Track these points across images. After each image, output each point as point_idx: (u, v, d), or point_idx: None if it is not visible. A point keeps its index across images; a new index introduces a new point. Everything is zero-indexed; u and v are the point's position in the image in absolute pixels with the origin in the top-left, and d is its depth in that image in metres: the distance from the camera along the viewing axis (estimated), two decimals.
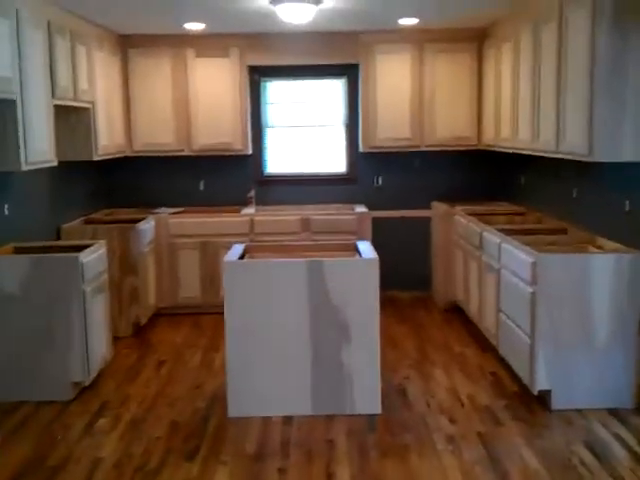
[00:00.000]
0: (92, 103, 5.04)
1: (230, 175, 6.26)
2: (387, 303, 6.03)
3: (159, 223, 5.70)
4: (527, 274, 3.91)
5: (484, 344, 4.86)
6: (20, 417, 3.77)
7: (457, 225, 5.65)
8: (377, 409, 3.80)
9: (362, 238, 5.66)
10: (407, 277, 6.33)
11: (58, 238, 5.11)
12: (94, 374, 4.13)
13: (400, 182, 6.28)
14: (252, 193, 6.12)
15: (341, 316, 3.73)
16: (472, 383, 4.21)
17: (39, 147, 4.11)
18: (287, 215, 5.74)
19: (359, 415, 3.76)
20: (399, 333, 5.24)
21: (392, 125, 5.90)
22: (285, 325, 3.73)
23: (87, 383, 4.07)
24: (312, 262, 3.72)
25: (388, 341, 5.01)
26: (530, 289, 3.87)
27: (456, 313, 5.68)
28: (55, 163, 4.36)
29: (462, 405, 3.89)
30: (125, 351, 4.87)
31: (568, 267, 3.76)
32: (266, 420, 3.72)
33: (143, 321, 5.30)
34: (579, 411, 3.77)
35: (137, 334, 5.24)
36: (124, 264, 5.18)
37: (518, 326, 4.06)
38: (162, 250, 5.71)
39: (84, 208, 5.70)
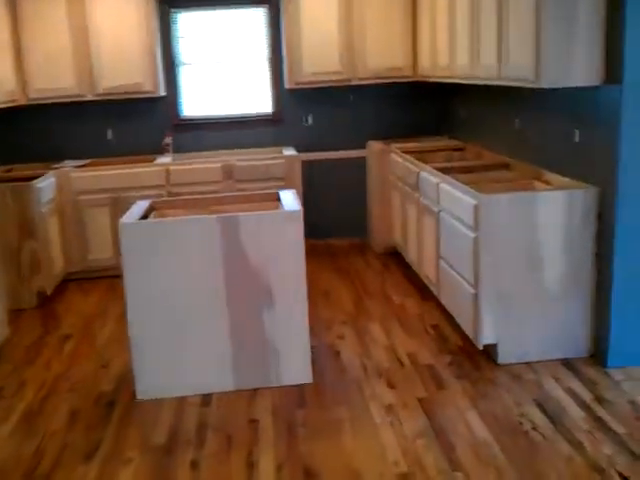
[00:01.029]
0: None
1: (142, 121, 5.62)
2: (322, 253, 5.60)
3: (61, 179, 5.07)
4: (468, 217, 3.49)
5: (424, 293, 4.48)
6: None
7: (393, 165, 5.19)
8: (307, 378, 3.38)
9: (291, 184, 5.16)
10: (343, 223, 5.88)
11: None
12: None
13: (332, 120, 5.75)
14: (168, 139, 5.52)
15: (262, 278, 3.25)
16: (412, 339, 3.82)
17: None
18: (207, 163, 5.18)
19: (287, 387, 3.34)
20: (334, 285, 4.81)
21: (319, 57, 5.32)
22: (197, 293, 3.24)
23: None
24: (224, 219, 3.21)
25: (322, 295, 4.59)
26: (472, 234, 3.45)
27: (395, 259, 5.28)
28: None
29: (402, 365, 3.50)
30: (26, 326, 4.31)
31: (513, 208, 3.35)
32: (181, 401, 3.26)
33: (49, 290, 4.73)
34: (529, 364, 3.43)
35: (42, 305, 4.68)
36: (21, 228, 4.57)
37: (460, 274, 3.66)
38: (66, 209, 5.10)
39: None
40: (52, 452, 2.87)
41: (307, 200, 5.53)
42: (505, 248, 3.37)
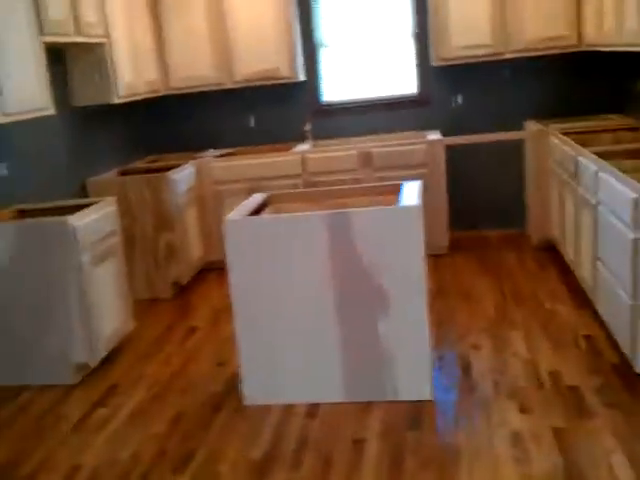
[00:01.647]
0: (107, 37, 4.39)
1: (284, 107, 5.46)
2: (469, 246, 5.11)
3: (201, 169, 5.04)
4: (627, 213, 2.89)
5: (581, 298, 3.86)
6: (20, 403, 3.33)
7: (552, 148, 4.56)
8: (426, 394, 3.00)
9: (434, 171, 4.74)
10: (496, 213, 5.33)
11: (84, 194, 4.59)
12: (102, 353, 3.59)
13: (484, 100, 5.21)
14: (308, 126, 5.30)
15: (375, 281, 2.91)
16: (559, 353, 3.28)
17: (21, 95, 3.50)
18: (344, 150, 4.89)
19: (403, 402, 2.98)
20: (477, 285, 4.32)
21: (469, 30, 4.81)
22: (304, 295, 2.97)
23: (93, 364, 3.54)
24: (334, 215, 2.90)
25: (461, 297, 4.14)
26: (631, 234, 2.85)
27: (553, 255, 4.65)
28: (52, 111, 3.75)
29: (541, 385, 3.00)
30: (156, 317, 4.32)
31: None
32: (287, 409, 3.03)
33: (184, 280, 4.73)
34: None
35: (178, 296, 4.68)
36: (157, 219, 4.59)
37: (618, 280, 3.06)
38: (206, 199, 5.07)
39: (121, 158, 5.15)
40: (145, 460, 2.76)
41: (454, 188, 5.07)
42: None
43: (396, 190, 3.33)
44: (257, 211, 3.26)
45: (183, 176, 4.78)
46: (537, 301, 3.95)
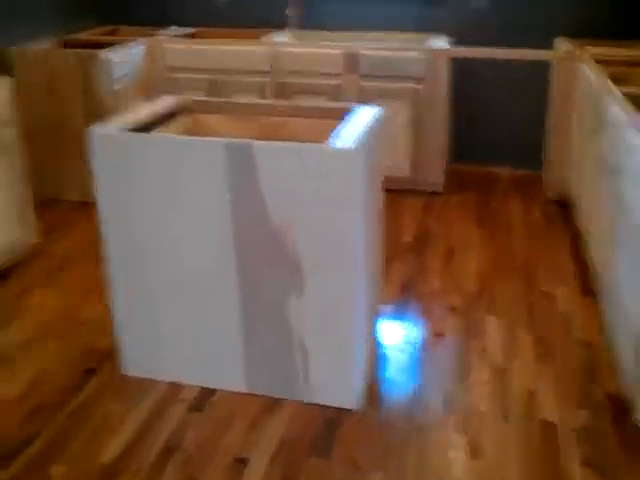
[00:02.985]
0: None
1: None
2: (472, 184, 4.25)
3: (152, 50, 4.12)
4: None
5: (589, 282, 3.04)
6: None
7: (580, 79, 3.60)
8: (347, 401, 2.25)
9: (433, 87, 3.81)
10: (509, 149, 4.41)
11: (3, 68, 3.72)
12: None
13: (510, 3, 4.17)
14: (290, 11, 4.32)
15: (287, 246, 2.10)
16: (542, 361, 2.48)
17: None
18: (327, 48, 3.93)
19: (319, 407, 2.25)
20: (467, 238, 3.50)
21: None
22: (195, 250, 2.17)
23: None
24: (234, 146, 2.04)
25: (441, 256, 3.32)
26: None
27: (568, 212, 3.79)
28: None
29: (506, 415, 2.22)
30: (77, 227, 3.55)
31: None
32: (173, 391, 2.30)
33: None
34: None
35: None
36: (88, 107, 3.73)
37: (636, 280, 2.24)
38: (156, 88, 4.17)
39: (67, 23, 4.23)
40: None
41: (457, 112, 4.15)
42: None
43: (338, 115, 2.44)
44: (157, 121, 2.41)
45: (124, 56, 3.87)
46: (532, 276, 3.13)
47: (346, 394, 2.24)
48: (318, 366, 2.21)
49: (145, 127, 2.30)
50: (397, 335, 2.67)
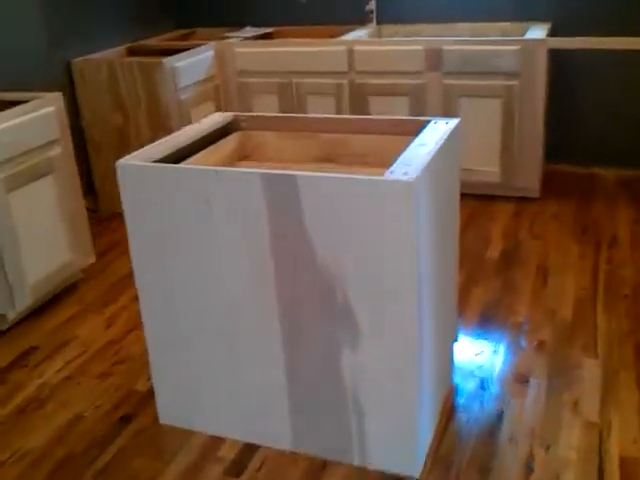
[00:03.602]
0: None
1: None
2: (572, 189, 3.76)
3: (222, 54, 3.90)
4: None
5: None
6: None
7: None
8: (410, 468, 1.91)
9: (529, 83, 3.35)
10: (614, 145, 3.87)
11: (69, 79, 3.62)
12: (28, 302, 2.72)
13: None
14: (372, 5, 3.97)
15: (338, 291, 1.77)
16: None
17: None
18: (407, 44, 3.56)
19: (375, 473, 1.93)
20: (565, 255, 3.04)
21: None
22: (232, 294, 1.89)
23: (13, 317, 2.70)
24: (271, 178, 1.73)
25: (534, 272, 2.91)
26: None
27: None
28: None
29: None
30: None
31: None
32: (211, 446, 2.05)
33: None
34: None
35: None
36: (153, 118, 3.56)
37: None
38: (228, 94, 3.95)
39: (138, 29, 4.10)
40: None
41: (556, 108, 3.68)
42: None
43: (411, 131, 2.08)
44: (206, 141, 2.16)
45: (191, 63, 3.67)
46: (637, 313, 2.65)
47: (407, 460, 1.89)
48: (376, 428, 1.88)
49: (190, 149, 2.05)
50: (470, 380, 2.29)
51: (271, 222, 1.75)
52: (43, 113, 2.72)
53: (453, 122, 2.02)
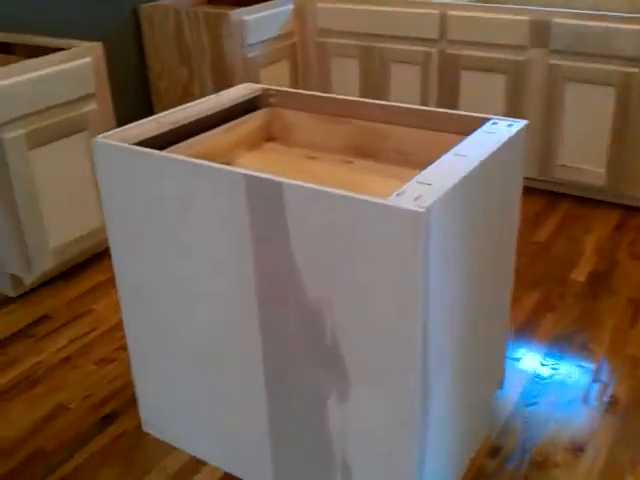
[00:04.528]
0: None
1: None
2: None
3: (302, 9, 3.52)
4: None
5: None
6: None
7: None
8: None
9: None
10: None
11: (135, 24, 3.38)
12: (47, 266, 2.54)
13: None
14: None
15: (325, 331, 1.41)
16: None
17: None
18: (511, 13, 3.03)
19: None
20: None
21: None
22: (209, 311, 1.56)
23: (29, 281, 2.54)
24: (256, 181, 1.35)
25: (631, 305, 2.40)
26: None
27: None
28: None
29: None
30: None
31: None
32: (191, 469, 1.79)
33: None
34: None
35: None
36: (218, 76, 3.27)
37: None
38: (306, 55, 3.59)
39: None
40: None
41: None
42: None
43: (462, 130, 1.65)
44: (229, 115, 1.83)
45: (264, 17, 3.32)
46: None
47: None
48: None
49: (209, 122, 1.75)
50: (510, 437, 1.88)
51: (253, 236, 1.41)
52: (77, 64, 2.47)
53: (517, 125, 1.58)
